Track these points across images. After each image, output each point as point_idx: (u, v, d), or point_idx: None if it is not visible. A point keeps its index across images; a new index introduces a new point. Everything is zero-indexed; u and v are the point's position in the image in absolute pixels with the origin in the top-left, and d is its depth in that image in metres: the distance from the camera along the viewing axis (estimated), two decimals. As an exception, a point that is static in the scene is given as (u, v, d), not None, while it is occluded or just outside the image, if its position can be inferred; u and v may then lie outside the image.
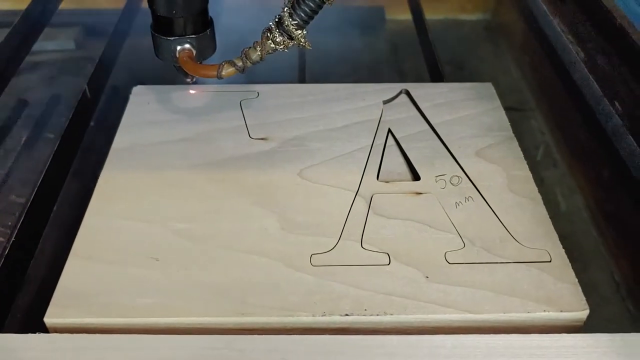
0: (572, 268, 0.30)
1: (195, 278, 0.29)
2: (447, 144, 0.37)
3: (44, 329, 0.27)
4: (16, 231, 0.33)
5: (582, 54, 0.47)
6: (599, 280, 0.41)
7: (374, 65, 0.58)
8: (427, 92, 0.40)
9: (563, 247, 0.31)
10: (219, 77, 0.33)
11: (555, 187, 0.47)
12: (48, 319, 0.27)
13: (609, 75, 0.45)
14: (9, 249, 0.32)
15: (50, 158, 0.37)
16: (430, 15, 0.58)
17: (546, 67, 0.52)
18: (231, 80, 0.35)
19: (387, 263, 0.30)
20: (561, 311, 0.28)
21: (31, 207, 0.35)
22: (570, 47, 0.48)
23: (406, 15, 0.61)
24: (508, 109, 0.47)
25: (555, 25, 0.50)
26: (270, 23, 0.32)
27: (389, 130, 0.38)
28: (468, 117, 0.39)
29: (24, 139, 0.45)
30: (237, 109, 0.39)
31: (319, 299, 0.28)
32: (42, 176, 0.36)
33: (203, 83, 0.40)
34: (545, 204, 0.33)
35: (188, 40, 0.35)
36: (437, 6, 0.64)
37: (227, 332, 0.27)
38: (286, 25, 0.31)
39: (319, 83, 0.42)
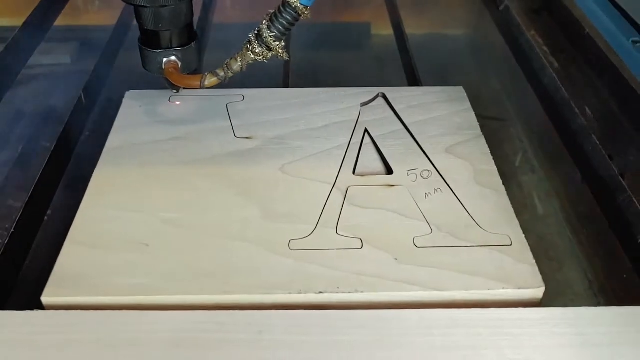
0: (548, 267, 0.32)
1: (182, 262, 0.31)
2: (419, 142, 0.39)
3: (42, 309, 0.30)
4: (12, 231, 0.35)
5: (554, 64, 0.50)
6: (573, 278, 0.43)
7: (357, 77, 0.60)
8: (402, 95, 0.43)
9: (540, 248, 0.33)
10: (202, 87, 0.36)
11: (533, 191, 0.50)
12: (45, 298, 0.29)
13: (578, 83, 0.47)
14: (6, 245, 0.34)
15: (45, 161, 0.40)
16: (413, 30, 0.60)
17: (522, 78, 0.54)
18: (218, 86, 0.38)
19: (360, 247, 0.32)
20: (519, 288, 0.30)
21: (28, 205, 0.37)
22: (542, 57, 0.50)
23: (391, 31, 0.64)
24: (489, 119, 0.50)
25: (530, 38, 0.53)
26: (250, 35, 0.35)
27: (366, 130, 0.40)
28: (440, 117, 0.41)
29: (20, 148, 0.47)
30: (224, 111, 0.41)
31: (296, 279, 0.30)
32: (35, 181, 0.38)
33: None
34: (522, 207, 0.35)
35: (174, 53, 0.38)
36: (420, 22, 0.68)
37: (211, 309, 0.29)
38: (265, 37, 0.34)
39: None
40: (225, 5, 0.70)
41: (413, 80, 0.49)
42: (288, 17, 0.34)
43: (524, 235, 0.33)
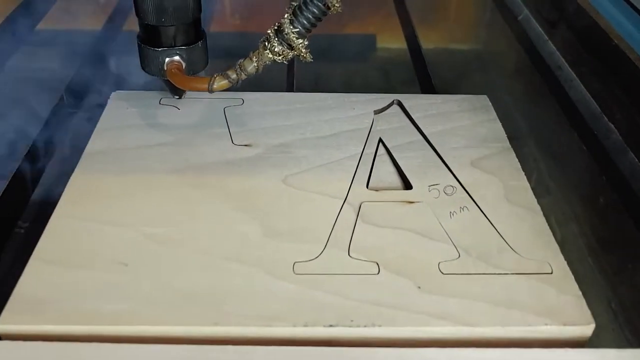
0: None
1: (167, 284, 0.26)
2: (440, 154, 0.35)
3: (-3, 337, 0.25)
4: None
5: (577, 77, 0.46)
6: (596, 309, 0.39)
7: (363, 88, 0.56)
8: (419, 103, 0.39)
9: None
10: (210, 90, 0.31)
11: (549, 215, 0.45)
12: (1, 325, 0.24)
13: (605, 96, 0.43)
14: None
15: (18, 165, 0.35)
16: (424, 42, 0.57)
17: (539, 92, 0.51)
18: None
19: (376, 272, 0.27)
20: (564, 325, 0.25)
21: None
22: (564, 69, 0.46)
23: (397, 44, 0.60)
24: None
25: (552, 48, 0.49)
26: (269, 31, 0.30)
27: (380, 140, 0.36)
28: (462, 127, 0.37)
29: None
30: (221, 115, 0.37)
31: (301, 309, 0.26)
32: (6, 183, 0.34)
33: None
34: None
35: (177, 52, 0.33)
36: (429, 35, 0.64)
37: (199, 343, 0.25)
38: (286, 34, 0.29)
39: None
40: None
41: (428, 89, 0.45)
42: (315, 9, 0.29)
43: (565, 262, 0.29)
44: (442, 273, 0.27)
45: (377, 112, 0.38)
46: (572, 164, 0.45)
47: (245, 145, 0.35)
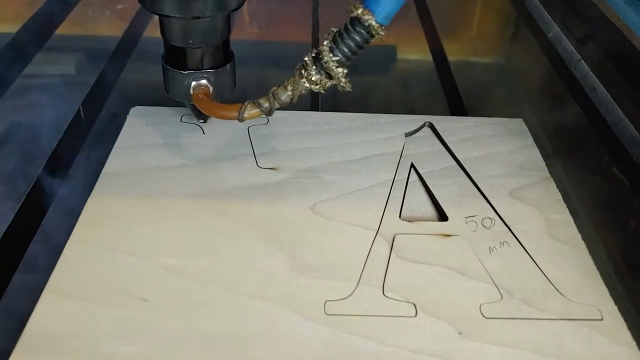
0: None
1: (188, 324, 0.25)
2: (476, 182, 0.33)
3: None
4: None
5: (616, 97, 0.44)
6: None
7: (385, 104, 0.54)
8: (452, 126, 0.37)
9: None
10: (241, 119, 0.29)
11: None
12: (11, 367, 0.23)
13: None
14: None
15: (33, 183, 0.33)
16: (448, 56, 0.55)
17: (567, 110, 0.48)
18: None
19: (414, 315, 0.25)
20: (619, 379, 0.23)
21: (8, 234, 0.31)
22: (598, 87, 0.44)
23: (418, 55, 0.58)
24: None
25: (585, 67, 0.47)
26: (306, 58, 0.28)
27: (412, 165, 0.34)
28: (498, 154, 0.35)
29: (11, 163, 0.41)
30: (245, 135, 0.35)
31: (334, 355, 0.24)
32: (20, 204, 0.32)
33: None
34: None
35: (205, 75, 0.31)
36: (448, 48, 0.62)
37: (223, 391, 0.23)
38: (325, 62, 0.27)
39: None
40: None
41: (458, 110, 0.43)
42: (358, 37, 0.27)
43: (616, 307, 0.26)
44: (484, 317, 0.25)
45: (407, 134, 0.36)
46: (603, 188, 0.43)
47: (271, 169, 0.33)
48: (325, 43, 0.27)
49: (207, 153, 0.34)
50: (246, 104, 0.29)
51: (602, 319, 0.26)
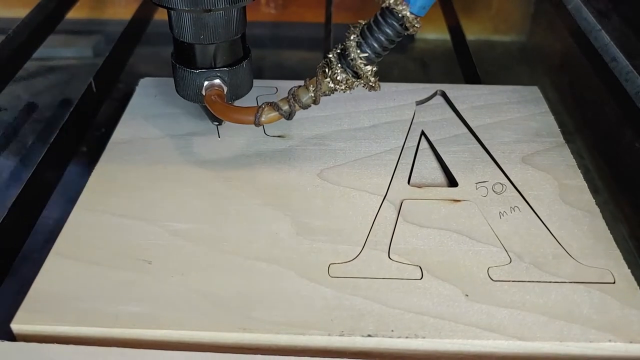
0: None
1: (193, 286, 0.24)
2: (488, 148, 0.32)
3: (12, 336, 0.23)
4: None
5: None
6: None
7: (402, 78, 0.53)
8: (465, 94, 0.36)
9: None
10: (257, 124, 0.27)
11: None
12: (15, 325, 0.23)
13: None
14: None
15: (45, 151, 0.34)
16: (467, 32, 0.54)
17: (588, 85, 0.47)
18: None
19: (419, 277, 0.25)
20: (630, 342, 0.23)
21: (18, 202, 0.31)
22: (622, 61, 0.43)
23: (435, 34, 0.57)
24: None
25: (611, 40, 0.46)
26: (330, 55, 0.26)
27: (422, 132, 0.33)
28: (512, 120, 0.34)
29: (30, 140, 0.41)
30: (253, 104, 0.35)
31: (337, 316, 0.23)
32: (32, 170, 0.32)
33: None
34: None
35: (218, 75, 0.28)
36: (469, 26, 0.61)
37: (225, 350, 0.23)
38: (352, 59, 0.25)
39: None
40: None
41: (472, 80, 0.42)
42: (389, 31, 0.24)
43: (629, 271, 0.26)
44: (492, 280, 0.25)
45: (419, 102, 0.36)
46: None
47: (278, 137, 0.33)
48: (352, 37, 0.25)
49: (215, 122, 0.34)
50: (263, 106, 0.27)
51: (614, 282, 0.25)
